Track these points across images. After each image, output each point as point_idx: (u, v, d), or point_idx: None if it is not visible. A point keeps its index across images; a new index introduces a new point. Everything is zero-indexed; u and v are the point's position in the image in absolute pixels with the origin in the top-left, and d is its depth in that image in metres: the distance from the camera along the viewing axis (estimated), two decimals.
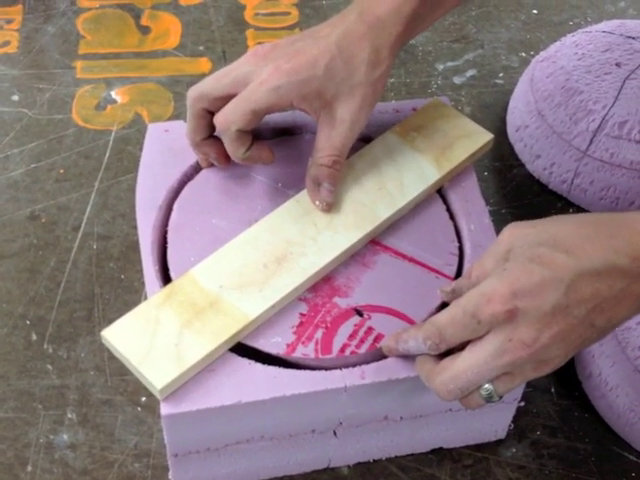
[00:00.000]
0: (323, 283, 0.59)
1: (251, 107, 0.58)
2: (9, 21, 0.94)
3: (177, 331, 0.55)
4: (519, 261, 0.50)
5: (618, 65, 0.79)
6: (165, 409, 0.53)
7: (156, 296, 0.57)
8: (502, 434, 0.64)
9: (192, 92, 0.62)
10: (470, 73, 0.92)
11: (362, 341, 0.57)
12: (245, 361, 0.55)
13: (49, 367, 0.67)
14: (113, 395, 0.65)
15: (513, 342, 0.49)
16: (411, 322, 0.58)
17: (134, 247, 0.74)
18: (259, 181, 0.65)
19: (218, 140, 0.63)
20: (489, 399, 0.51)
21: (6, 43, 0.92)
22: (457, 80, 0.91)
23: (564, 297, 0.48)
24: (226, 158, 0.64)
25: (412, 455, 0.64)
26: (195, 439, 0.56)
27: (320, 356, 0.56)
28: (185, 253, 0.60)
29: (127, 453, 0.63)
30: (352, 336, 0.57)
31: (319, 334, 0.57)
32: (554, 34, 0.95)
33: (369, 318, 0.58)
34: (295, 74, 0.58)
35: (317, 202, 0.62)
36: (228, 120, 0.59)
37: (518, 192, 0.81)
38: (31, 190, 0.78)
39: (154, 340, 0.54)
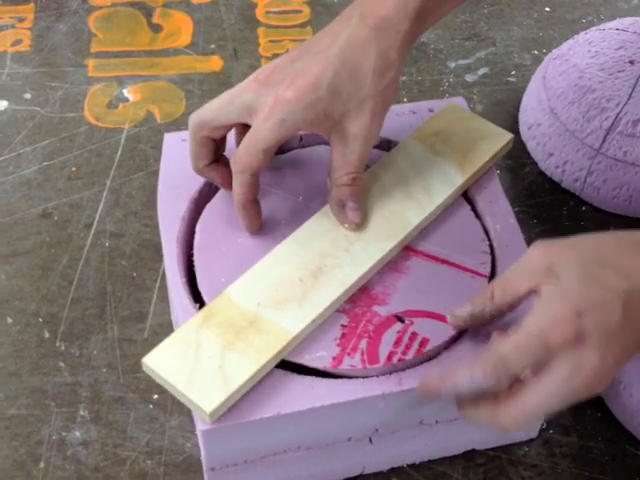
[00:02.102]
0: (360, 293, 0.59)
1: (262, 147, 0.57)
2: (21, 19, 0.94)
3: (219, 353, 0.54)
4: (573, 280, 0.48)
5: (632, 63, 0.79)
6: (203, 424, 0.53)
7: (193, 319, 0.56)
8: (534, 434, 0.64)
9: (194, 119, 0.60)
10: (482, 71, 0.91)
11: (408, 347, 0.56)
12: (281, 372, 0.55)
13: (61, 364, 0.67)
14: (125, 392, 0.66)
15: (584, 368, 0.47)
16: None
17: (146, 245, 0.75)
18: (280, 196, 0.64)
19: (221, 165, 0.62)
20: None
21: (18, 41, 0.92)
22: (469, 78, 0.90)
23: (622, 315, 0.47)
24: (231, 183, 0.61)
25: None
26: (233, 452, 0.56)
27: (368, 366, 0.55)
28: (215, 275, 0.59)
29: (139, 450, 0.63)
30: (397, 343, 0.56)
31: (363, 344, 0.56)
32: (567, 32, 0.95)
33: (411, 323, 0.57)
34: (297, 101, 0.56)
35: (346, 225, 0.60)
36: (244, 164, 0.57)
37: (530, 190, 0.81)
38: (43, 188, 0.79)
39: (197, 364, 0.53)
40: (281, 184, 0.65)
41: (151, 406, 0.65)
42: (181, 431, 0.64)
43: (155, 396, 0.65)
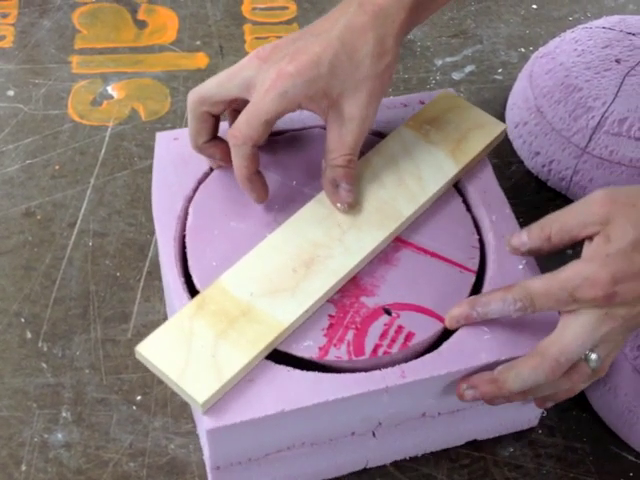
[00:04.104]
0: (349, 283, 0.59)
1: (263, 118, 0.57)
2: (4, 15, 0.93)
3: (212, 342, 0.54)
4: (621, 246, 0.51)
5: (618, 62, 0.79)
6: (209, 423, 0.52)
7: (187, 307, 0.55)
8: (535, 422, 0.64)
9: (193, 95, 0.60)
10: (469, 69, 0.91)
11: (393, 340, 0.56)
12: (283, 368, 0.54)
13: (44, 365, 0.66)
14: (108, 394, 0.65)
15: (609, 315, 0.52)
16: (440, 319, 0.57)
17: (130, 244, 0.74)
18: (273, 179, 0.63)
19: (221, 141, 0.62)
20: (595, 364, 0.54)
21: (1, 37, 0.91)
22: (456, 76, 0.90)
23: None
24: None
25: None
26: (237, 450, 0.56)
27: (353, 358, 0.55)
28: (206, 259, 0.59)
29: (122, 452, 0.62)
30: (383, 336, 0.56)
31: (350, 335, 0.56)
32: (554, 30, 0.95)
33: (398, 316, 0.57)
34: (299, 76, 0.57)
35: (338, 204, 0.60)
36: (244, 135, 0.58)
37: (516, 189, 0.81)
38: (26, 186, 0.78)
39: (190, 353, 0.53)
40: (275, 167, 0.64)
41: (134, 407, 0.64)
42: (164, 432, 0.63)
43: (138, 397, 0.65)
